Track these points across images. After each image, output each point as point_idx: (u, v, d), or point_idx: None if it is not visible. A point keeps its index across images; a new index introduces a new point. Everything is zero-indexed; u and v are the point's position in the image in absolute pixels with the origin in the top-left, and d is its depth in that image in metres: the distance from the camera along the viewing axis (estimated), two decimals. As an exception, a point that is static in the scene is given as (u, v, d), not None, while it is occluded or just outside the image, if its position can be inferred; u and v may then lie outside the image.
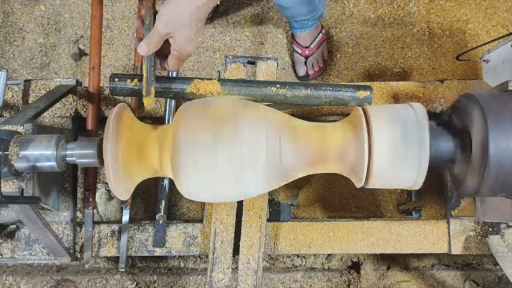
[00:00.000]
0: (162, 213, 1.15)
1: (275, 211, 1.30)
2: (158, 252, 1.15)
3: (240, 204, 1.07)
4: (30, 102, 1.14)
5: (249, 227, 1.05)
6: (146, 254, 1.16)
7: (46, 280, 1.42)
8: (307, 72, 1.63)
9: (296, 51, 1.64)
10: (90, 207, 1.12)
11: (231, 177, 0.78)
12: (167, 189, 1.17)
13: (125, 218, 1.15)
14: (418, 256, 1.50)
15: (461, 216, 1.13)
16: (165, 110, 1.16)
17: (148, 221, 1.19)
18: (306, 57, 1.62)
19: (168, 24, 0.76)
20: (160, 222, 1.14)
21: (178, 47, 0.79)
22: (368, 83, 0.95)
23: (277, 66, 1.10)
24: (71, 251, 1.13)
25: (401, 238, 1.15)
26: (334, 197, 1.56)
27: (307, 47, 1.60)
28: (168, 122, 1.15)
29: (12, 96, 1.14)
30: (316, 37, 1.60)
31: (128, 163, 0.77)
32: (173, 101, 1.14)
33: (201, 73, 1.69)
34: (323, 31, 1.62)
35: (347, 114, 0.90)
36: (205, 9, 0.77)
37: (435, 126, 0.86)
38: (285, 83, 0.89)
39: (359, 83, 0.91)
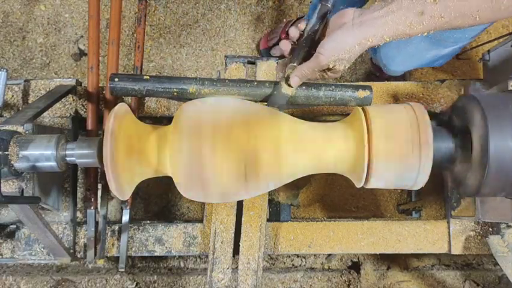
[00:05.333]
0: None
1: (275, 211, 1.30)
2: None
3: (240, 204, 1.07)
4: (30, 102, 1.14)
5: (249, 227, 1.05)
6: (146, 254, 1.16)
7: (46, 280, 1.42)
8: None
9: None
10: (92, 207, 1.12)
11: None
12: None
13: (125, 218, 1.15)
14: (418, 256, 1.50)
15: (461, 216, 1.13)
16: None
17: (148, 221, 1.19)
18: None
19: (331, 58, 0.74)
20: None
21: (333, 74, 0.79)
22: (368, 83, 0.95)
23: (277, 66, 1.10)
24: (71, 251, 1.13)
25: (401, 238, 1.15)
26: (334, 197, 1.56)
27: None
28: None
29: (12, 96, 1.14)
30: None
31: (128, 163, 0.77)
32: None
33: (201, 73, 1.69)
34: None
35: (347, 114, 0.89)
36: (370, 45, 0.74)
37: (436, 126, 0.86)
38: (285, 83, 0.88)
39: (359, 83, 0.91)
